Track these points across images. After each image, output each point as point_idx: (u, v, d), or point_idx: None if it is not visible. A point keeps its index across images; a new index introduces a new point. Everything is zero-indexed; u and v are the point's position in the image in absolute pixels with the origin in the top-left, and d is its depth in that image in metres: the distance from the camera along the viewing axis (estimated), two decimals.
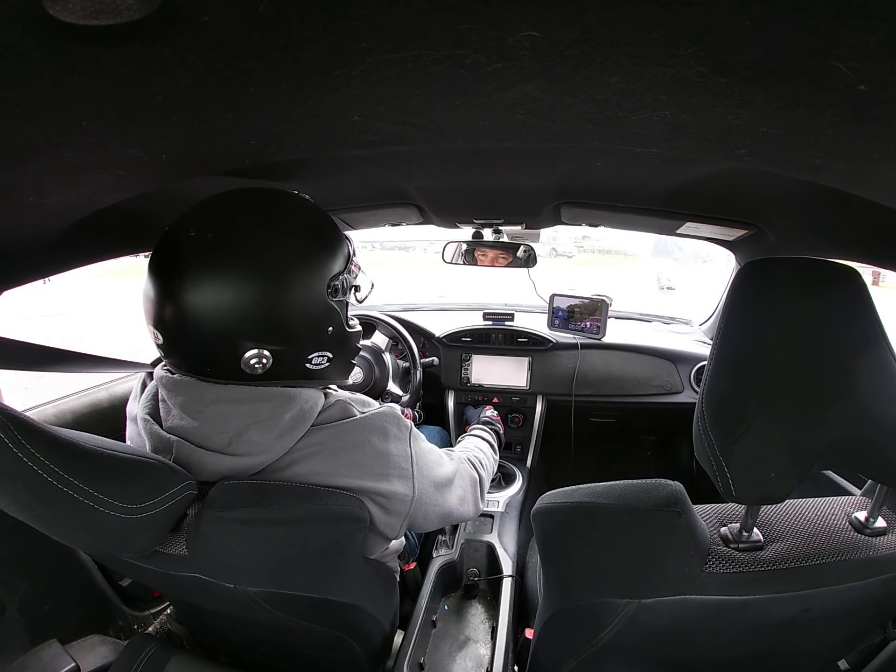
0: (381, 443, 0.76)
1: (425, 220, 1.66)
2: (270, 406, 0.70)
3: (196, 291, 0.64)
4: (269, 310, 0.67)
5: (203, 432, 0.70)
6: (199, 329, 0.66)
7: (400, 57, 0.37)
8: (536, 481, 1.99)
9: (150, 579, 0.84)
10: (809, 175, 0.56)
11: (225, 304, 0.65)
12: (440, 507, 0.87)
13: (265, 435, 0.69)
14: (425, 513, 0.84)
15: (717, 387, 0.63)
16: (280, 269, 0.68)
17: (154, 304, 0.67)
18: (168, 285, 0.66)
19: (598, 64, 0.37)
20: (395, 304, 2.53)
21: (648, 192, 1.16)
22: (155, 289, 0.67)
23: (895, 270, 0.93)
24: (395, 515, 0.79)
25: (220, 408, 0.69)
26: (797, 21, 0.29)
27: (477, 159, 0.95)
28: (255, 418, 0.69)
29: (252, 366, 0.68)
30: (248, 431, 0.69)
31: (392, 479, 0.76)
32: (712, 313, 2.26)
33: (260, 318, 0.67)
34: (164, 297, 0.66)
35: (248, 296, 0.66)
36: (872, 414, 0.60)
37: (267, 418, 0.69)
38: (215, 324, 0.65)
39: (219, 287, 0.65)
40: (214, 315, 0.65)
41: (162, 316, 0.67)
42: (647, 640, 0.75)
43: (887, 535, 0.69)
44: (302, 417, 0.72)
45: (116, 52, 0.34)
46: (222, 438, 0.69)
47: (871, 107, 0.37)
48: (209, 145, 0.58)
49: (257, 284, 0.66)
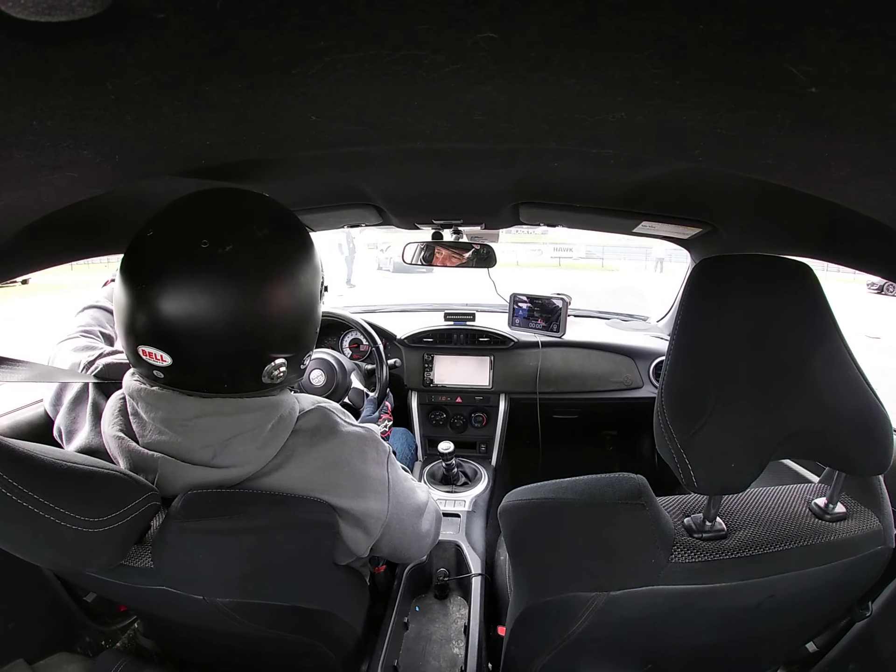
0: (360, 464, 0.76)
1: (385, 221, 1.64)
2: (255, 416, 0.68)
3: (225, 308, 0.61)
4: (293, 317, 0.68)
5: (187, 447, 0.67)
6: (228, 345, 0.63)
7: (358, 57, 0.36)
8: (502, 479, 2.01)
9: (116, 594, 0.82)
10: (762, 175, 0.58)
11: (256, 318, 0.63)
12: (408, 534, 0.88)
13: (249, 445, 0.68)
14: (391, 537, 0.84)
15: (676, 381, 0.65)
16: (298, 276, 0.68)
17: (160, 325, 0.60)
18: (186, 304, 0.60)
19: (555, 66, 0.37)
20: (356, 305, 2.51)
21: (605, 192, 1.18)
22: (162, 308, 0.60)
23: (845, 265, 0.97)
24: (364, 532, 0.78)
25: (205, 421, 0.66)
26: (751, 26, 0.30)
27: (435, 160, 0.95)
28: (239, 429, 0.67)
29: (275, 376, 0.68)
30: (233, 443, 0.67)
31: (367, 499, 0.76)
32: (669, 310, 2.33)
33: (286, 327, 0.67)
34: (181, 316, 0.60)
35: (278, 307, 0.65)
36: (828, 404, 0.63)
37: (251, 429, 0.68)
38: (247, 338, 0.63)
39: (251, 301, 0.62)
40: (247, 329, 0.63)
41: (175, 337, 0.61)
42: (619, 632, 0.76)
43: (847, 520, 0.72)
44: (283, 425, 0.71)
45: (69, 50, 0.32)
46: (206, 452, 0.67)
47: (822, 109, 0.39)
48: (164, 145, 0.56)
49: (286, 293, 0.66)
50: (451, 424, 2.13)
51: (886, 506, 0.74)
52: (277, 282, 0.65)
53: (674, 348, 0.66)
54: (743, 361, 0.62)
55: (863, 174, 0.51)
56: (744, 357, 0.62)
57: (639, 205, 1.29)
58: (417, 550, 0.95)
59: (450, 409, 2.14)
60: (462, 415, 2.14)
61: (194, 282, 0.60)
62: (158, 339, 0.61)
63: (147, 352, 0.62)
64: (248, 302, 0.62)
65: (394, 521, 0.82)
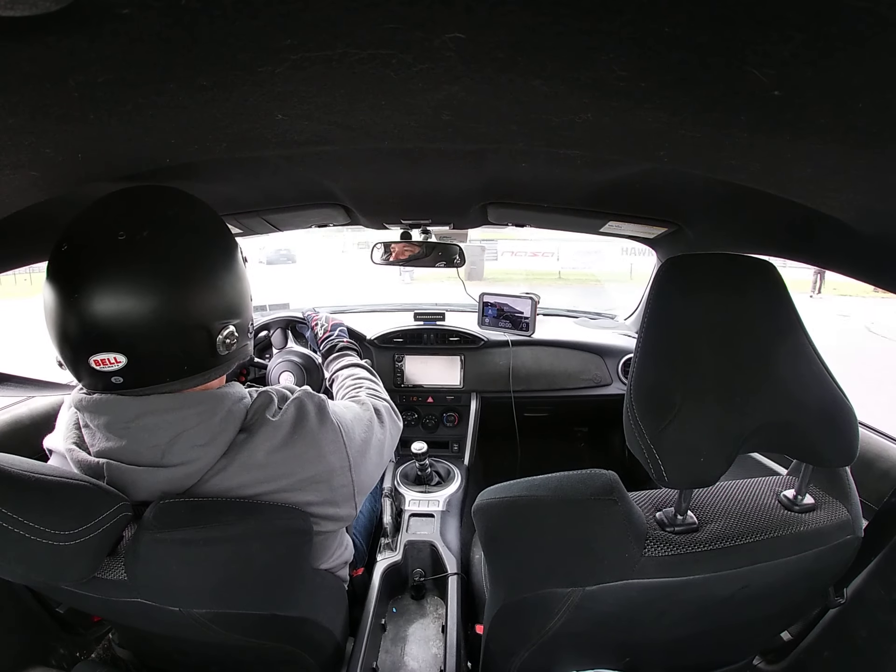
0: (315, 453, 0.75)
1: (353, 221, 1.63)
2: (198, 411, 0.67)
3: (162, 289, 0.62)
4: (227, 283, 0.70)
5: (132, 449, 0.66)
6: (175, 325, 0.63)
7: (325, 55, 0.36)
8: (475, 478, 2.01)
9: (90, 606, 0.80)
10: (726, 175, 0.60)
11: (194, 290, 0.65)
12: (374, 453, 0.89)
13: (197, 441, 0.67)
14: (366, 468, 0.85)
15: (645, 378, 0.66)
16: (219, 245, 0.70)
17: (105, 328, 0.59)
18: (123, 298, 0.59)
19: (522, 67, 0.37)
20: (326, 306, 2.48)
21: (572, 192, 1.20)
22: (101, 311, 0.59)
23: (807, 263, 1.00)
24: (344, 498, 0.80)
25: (147, 421, 0.65)
26: (715, 29, 0.30)
27: (403, 159, 0.95)
28: (184, 426, 0.66)
29: (228, 344, 0.69)
30: (180, 440, 0.66)
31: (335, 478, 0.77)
32: (636, 308, 2.37)
33: (224, 293, 0.69)
34: (122, 312, 0.60)
35: (211, 276, 0.67)
36: (794, 397, 0.65)
37: (196, 424, 0.67)
38: (190, 312, 0.64)
39: (184, 276, 0.64)
40: (188, 303, 0.64)
41: (123, 334, 0.60)
42: (596, 626, 0.77)
43: (816, 511, 0.74)
44: (231, 418, 0.70)
45: (30, 45, 0.31)
46: (154, 452, 0.66)
47: (785, 111, 0.40)
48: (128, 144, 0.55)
49: (214, 262, 0.68)
50: (422, 424, 2.13)
51: (854, 496, 0.76)
52: (204, 252, 0.68)
53: (641, 346, 0.68)
54: (709, 357, 0.63)
55: (824, 175, 0.53)
56: (710, 353, 0.63)
57: (606, 205, 1.31)
58: (390, 447, 0.98)
59: (421, 409, 2.13)
60: (434, 414, 2.13)
61: (124, 275, 0.60)
62: (107, 342, 0.60)
63: (100, 360, 0.61)
64: (183, 276, 0.64)
65: (357, 456, 0.82)
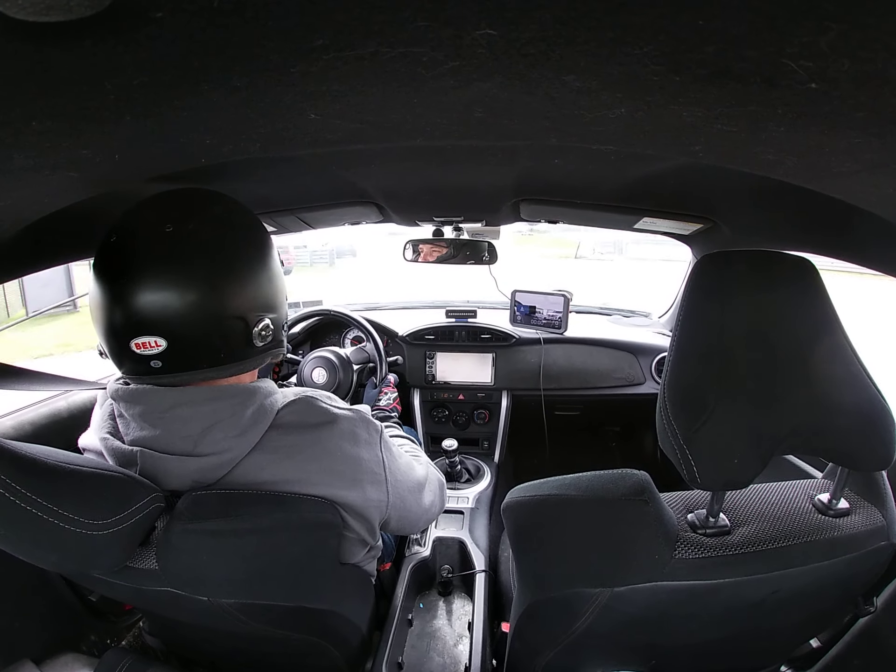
0: (351, 448, 0.76)
1: (385, 219, 1.65)
2: (231, 403, 0.69)
3: (205, 278, 0.65)
4: (265, 277, 0.73)
5: (166, 439, 0.68)
6: (215, 313, 0.66)
7: (356, 54, 0.36)
8: (504, 476, 2.01)
9: (121, 594, 0.82)
10: (762, 170, 0.58)
11: (234, 281, 0.68)
12: (414, 512, 0.89)
13: (229, 432, 0.68)
14: (400, 517, 0.85)
15: (679, 377, 0.65)
16: (260, 241, 0.74)
17: (148, 312, 0.63)
18: (169, 285, 0.63)
19: (554, 62, 0.37)
20: (358, 303, 2.51)
21: (605, 188, 1.18)
22: (146, 296, 0.63)
23: (846, 260, 0.96)
24: (369, 521, 0.79)
25: (181, 412, 0.67)
26: (750, 21, 0.30)
27: (435, 157, 0.95)
28: (217, 417, 0.68)
29: (264, 336, 0.71)
30: (212, 431, 0.68)
31: (365, 486, 0.76)
32: (671, 306, 2.32)
33: (262, 286, 0.72)
34: (167, 297, 0.63)
35: (251, 269, 0.70)
36: (830, 399, 0.63)
37: (229, 416, 0.69)
38: (230, 301, 0.67)
39: (227, 266, 0.67)
40: (228, 293, 0.67)
41: (164, 318, 0.63)
42: (622, 628, 0.76)
43: (850, 516, 0.72)
44: (263, 412, 0.71)
45: (67, 50, 0.32)
46: (186, 442, 0.68)
47: (822, 104, 0.39)
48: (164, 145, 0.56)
49: (254, 256, 0.71)
50: (453, 421, 2.13)
51: (890, 501, 0.74)
52: (244, 247, 0.70)
53: (676, 344, 0.66)
54: (745, 357, 0.62)
55: (863, 169, 0.51)
56: (745, 353, 0.62)
57: (639, 201, 1.29)
58: (425, 522, 0.98)
59: (452, 406, 2.14)
60: (464, 412, 2.14)
61: (170, 263, 0.64)
62: (149, 326, 0.63)
63: (141, 343, 0.64)
64: (225, 267, 0.67)
65: (395, 503, 0.83)
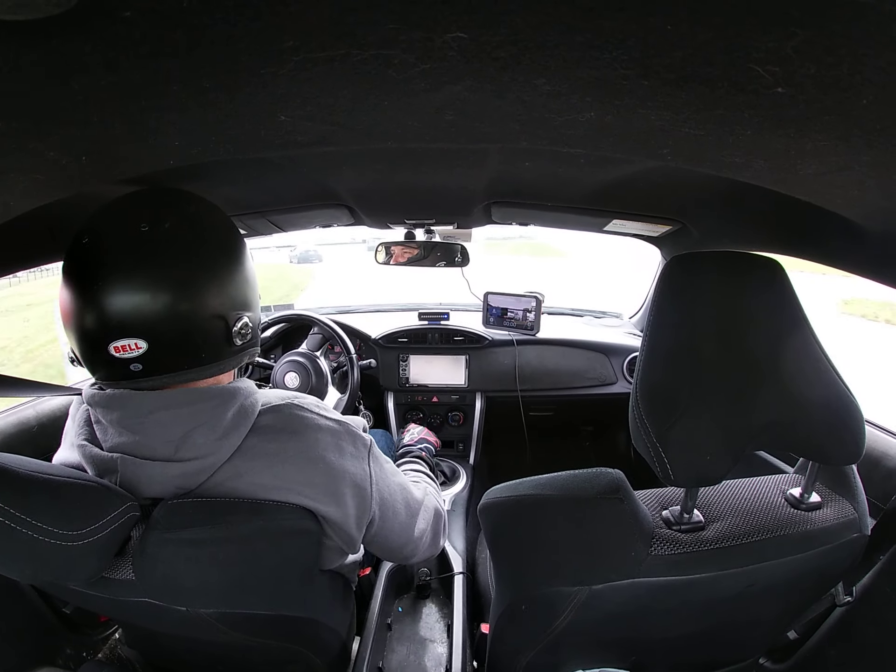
0: (336, 459, 0.73)
1: (357, 222, 1.64)
2: (212, 405, 0.68)
3: (183, 276, 0.64)
4: (241, 276, 0.72)
5: (146, 444, 0.66)
6: (195, 312, 0.65)
7: (327, 56, 0.36)
8: (480, 477, 2.01)
9: (97, 606, 0.80)
10: (730, 173, 0.60)
11: (212, 279, 0.67)
12: (397, 534, 0.86)
13: (210, 436, 0.67)
14: (384, 537, 0.83)
15: (650, 376, 0.66)
16: (234, 240, 0.73)
17: (127, 314, 0.61)
18: (147, 285, 0.62)
19: (525, 66, 0.37)
20: (329, 306, 2.49)
21: (576, 190, 1.20)
22: (124, 298, 0.61)
23: (813, 261, 0.99)
24: (348, 534, 0.76)
25: (161, 416, 0.66)
26: (718, 27, 0.30)
27: (407, 160, 0.95)
28: (197, 420, 0.66)
29: (243, 334, 0.71)
30: (193, 435, 0.66)
31: (346, 499, 0.74)
32: (641, 306, 2.36)
33: (238, 284, 0.71)
34: (145, 298, 0.62)
35: (227, 267, 0.69)
36: (800, 395, 0.64)
37: (209, 419, 0.67)
38: (209, 300, 0.66)
39: (204, 264, 0.67)
40: (207, 291, 0.66)
41: (144, 320, 0.62)
42: (602, 625, 0.77)
43: (822, 509, 0.73)
44: (244, 413, 0.70)
45: (34, 49, 0.31)
46: (167, 447, 0.66)
47: (789, 108, 0.40)
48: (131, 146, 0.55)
49: (230, 255, 0.71)
50: (428, 424, 2.12)
51: (860, 494, 0.76)
52: (221, 245, 0.70)
53: (647, 344, 0.67)
54: (715, 356, 0.63)
55: (829, 171, 0.52)
56: (716, 352, 0.63)
57: (609, 203, 1.31)
58: (411, 552, 0.92)
59: (426, 409, 2.14)
60: (439, 414, 2.14)
61: (148, 263, 0.62)
62: (128, 328, 0.61)
63: (120, 346, 0.62)
64: (203, 266, 0.66)
65: (378, 520, 0.80)
